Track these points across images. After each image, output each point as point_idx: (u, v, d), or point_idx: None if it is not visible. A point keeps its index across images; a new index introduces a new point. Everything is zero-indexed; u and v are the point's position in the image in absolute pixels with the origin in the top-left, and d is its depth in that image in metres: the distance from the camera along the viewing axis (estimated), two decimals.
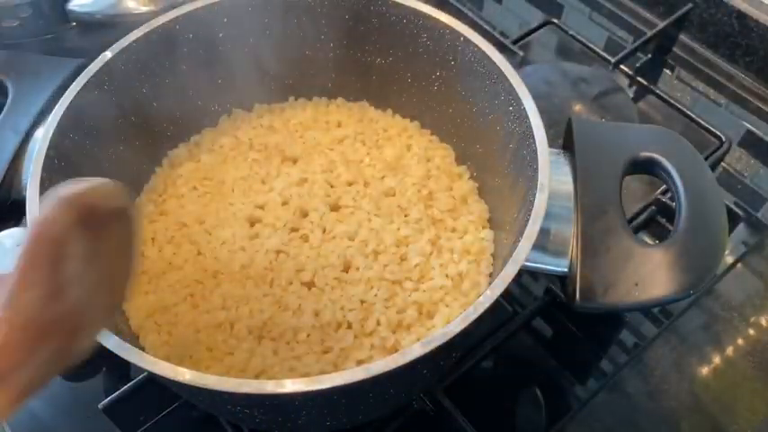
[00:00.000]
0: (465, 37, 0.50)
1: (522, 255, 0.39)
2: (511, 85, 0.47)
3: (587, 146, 0.48)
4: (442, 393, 0.49)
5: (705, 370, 0.55)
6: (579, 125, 0.49)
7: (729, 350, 0.56)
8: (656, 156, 0.47)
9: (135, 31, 0.50)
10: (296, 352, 0.45)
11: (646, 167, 0.48)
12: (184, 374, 0.34)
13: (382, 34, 0.54)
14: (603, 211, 0.45)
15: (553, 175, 0.43)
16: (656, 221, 0.62)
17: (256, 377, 0.44)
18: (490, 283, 0.41)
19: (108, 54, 0.48)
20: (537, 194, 0.41)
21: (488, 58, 0.49)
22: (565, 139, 0.50)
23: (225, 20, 0.53)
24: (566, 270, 0.44)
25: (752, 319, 0.57)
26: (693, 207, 0.45)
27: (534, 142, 0.44)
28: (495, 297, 0.37)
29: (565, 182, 0.46)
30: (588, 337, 0.56)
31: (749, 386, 0.54)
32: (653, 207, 0.62)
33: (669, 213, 0.62)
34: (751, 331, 0.57)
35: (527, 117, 0.45)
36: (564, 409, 0.52)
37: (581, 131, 0.49)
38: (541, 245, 0.43)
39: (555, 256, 0.44)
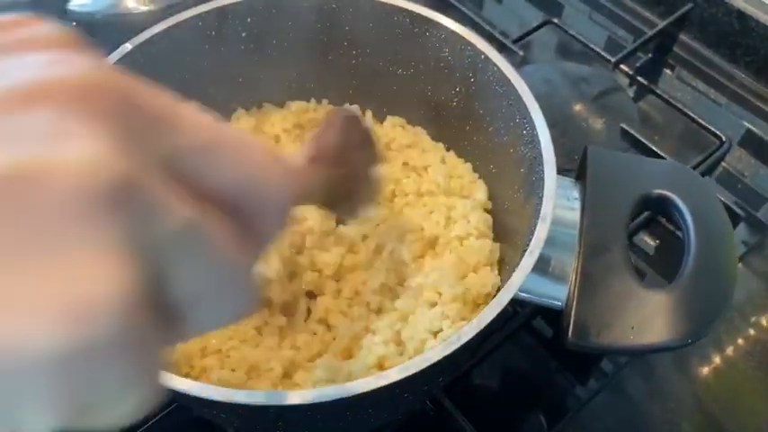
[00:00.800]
0: (486, 55, 0.49)
1: (516, 284, 0.38)
2: (526, 108, 0.46)
3: (600, 177, 0.47)
4: (441, 393, 0.49)
5: (706, 370, 0.55)
6: (594, 154, 0.48)
7: (730, 350, 0.56)
8: (669, 194, 0.46)
9: (155, 26, 0.49)
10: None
11: (658, 205, 0.47)
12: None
13: (405, 45, 0.54)
14: (607, 248, 0.44)
15: (562, 203, 0.42)
16: (657, 221, 0.62)
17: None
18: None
19: (128, 46, 0.48)
20: (538, 224, 0.40)
21: (506, 78, 0.48)
22: (579, 167, 0.49)
23: (248, 20, 0.53)
24: (561, 304, 0.43)
25: (752, 319, 0.57)
26: (703, 253, 0.44)
27: (543, 169, 0.43)
28: (480, 327, 0.36)
29: (573, 210, 0.45)
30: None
31: (750, 386, 0.54)
32: (653, 218, 0.62)
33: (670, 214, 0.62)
34: (751, 331, 0.57)
35: (539, 143, 0.44)
36: (564, 410, 0.52)
37: (595, 161, 0.47)
38: (540, 275, 0.42)
39: (552, 288, 0.43)
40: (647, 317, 0.41)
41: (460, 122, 0.55)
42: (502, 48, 0.70)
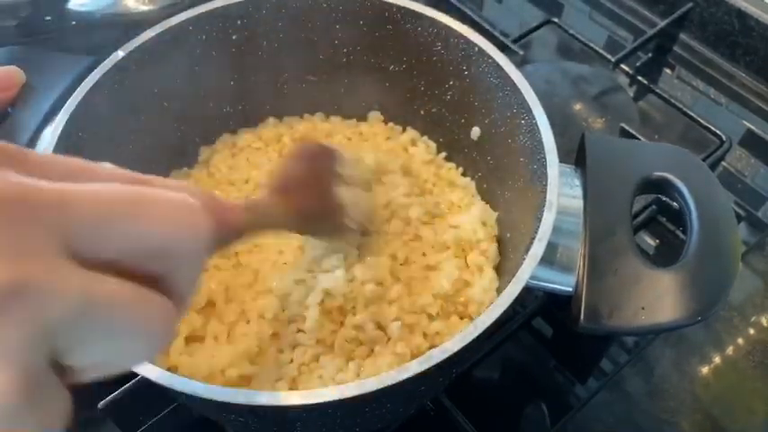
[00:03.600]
0: (479, 47, 0.50)
1: (527, 273, 0.38)
2: (523, 97, 0.46)
3: (599, 163, 0.47)
4: (442, 393, 0.49)
5: (705, 369, 0.55)
6: (592, 141, 0.48)
7: (730, 349, 0.56)
8: (669, 176, 0.46)
9: (147, 31, 0.49)
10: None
11: (658, 187, 0.47)
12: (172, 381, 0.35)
13: (396, 41, 0.54)
14: (612, 232, 0.44)
15: (564, 191, 0.43)
16: (656, 220, 0.62)
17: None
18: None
19: (120, 53, 0.48)
20: (544, 212, 0.40)
21: (502, 69, 0.48)
22: (577, 155, 0.49)
23: (239, 22, 0.53)
24: (571, 290, 0.43)
25: (752, 319, 0.57)
26: (706, 231, 0.44)
27: (545, 157, 0.43)
28: (496, 316, 0.36)
29: (575, 197, 0.45)
30: (588, 336, 0.56)
31: (749, 385, 0.54)
32: (653, 206, 0.62)
33: (669, 212, 0.62)
34: (751, 331, 0.57)
35: (538, 131, 0.44)
36: (564, 409, 0.52)
37: (593, 147, 0.48)
38: (548, 262, 0.42)
39: (561, 276, 0.43)
40: (657, 297, 0.42)
41: (455, 116, 0.55)
42: (502, 47, 0.70)
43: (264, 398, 0.34)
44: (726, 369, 0.55)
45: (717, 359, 0.55)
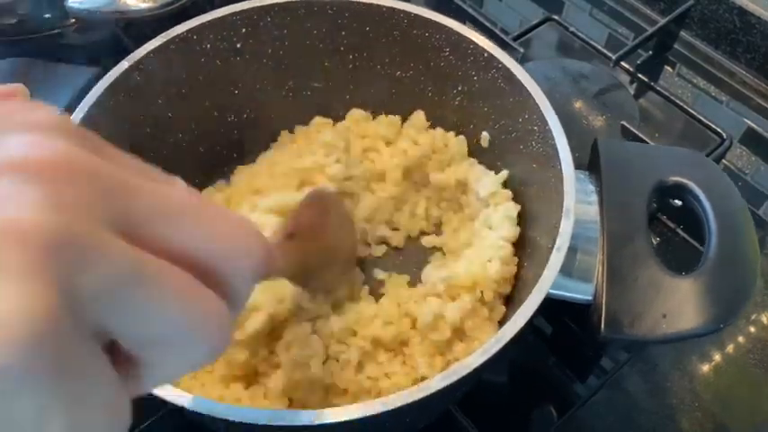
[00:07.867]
0: (489, 53, 0.49)
1: (547, 284, 0.37)
2: (536, 103, 0.45)
3: (613, 168, 0.46)
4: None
5: (706, 367, 0.55)
6: (605, 146, 0.47)
7: (730, 348, 0.56)
8: (685, 181, 0.46)
9: (152, 41, 0.49)
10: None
11: (674, 193, 0.47)
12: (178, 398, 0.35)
13: (404, 47, 0.53)
14: (630, 239, 0.43)
15: (579, 198, 0.42)
16: (657, 219, 0.62)
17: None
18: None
19: (125, 64, 0.48)
20: (562, 220, 0.40)
21: (512, 74, 0.47)
22: (590, 160, 0.49)
23: (243, 30, 0.52)
24: (590, 299, 0.42)
25: (753, 317, 0.57)
26: (724, 236, 0.44)
27: (559, 163, 0.42)
28: (518, 329, 0.36)
29: (591, 204, 0.45)
30: (588, 335, 0.56)
31: (750, 384, 0.54)
32: (653, 204, 0.62)
33: (670, 211, 0.62)
34: (752, 329, 0.57)
35: (552, 138, 0.44)
36: (564, 407, 0.52)
37: (607, 153, 0.47)
38: (567, 271, 0.41)
39: (580, 284, 0.42)
40: (678, 304, 0.41)
41: (464, 122, 0.55)
42: (502, 45, 0.70)
43: (288, 416, 0.33)
44: (726, 367, 0.55)
45: (717, 357, 0.55)
